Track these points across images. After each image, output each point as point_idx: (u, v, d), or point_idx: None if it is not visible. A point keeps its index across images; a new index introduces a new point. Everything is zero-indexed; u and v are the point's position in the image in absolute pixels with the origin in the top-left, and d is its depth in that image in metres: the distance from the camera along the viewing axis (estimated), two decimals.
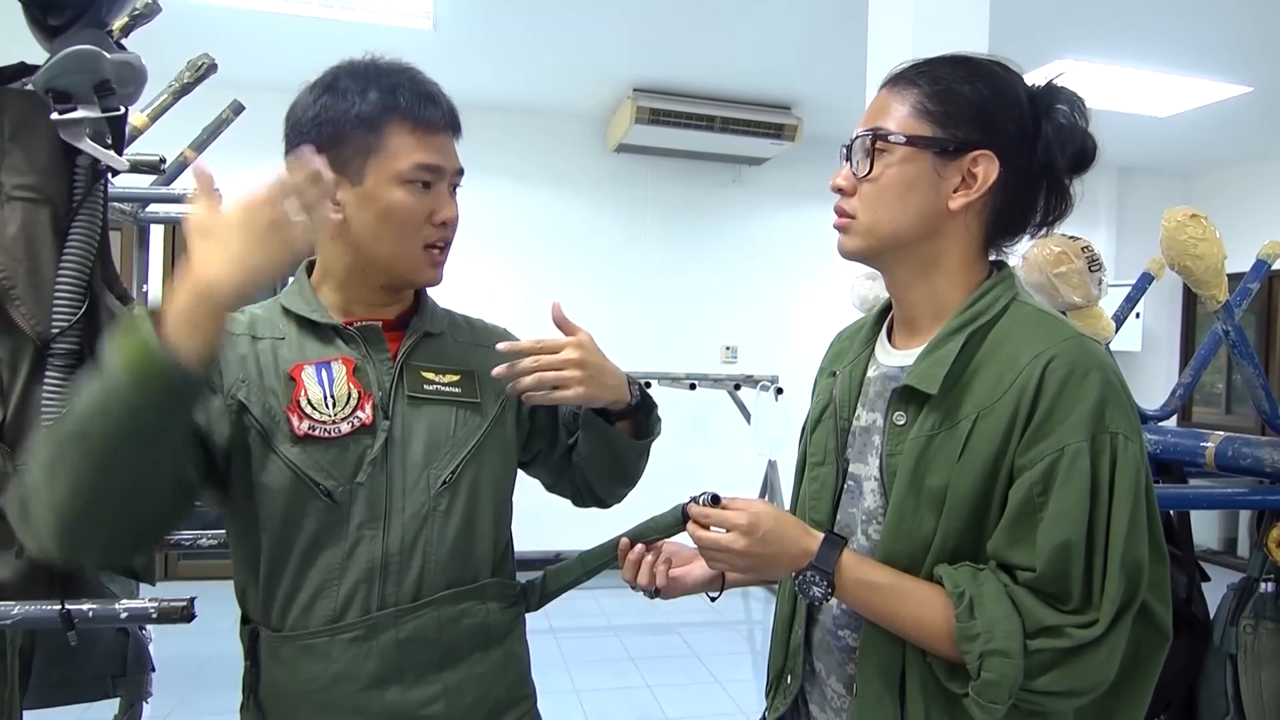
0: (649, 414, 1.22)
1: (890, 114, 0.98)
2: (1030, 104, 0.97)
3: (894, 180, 0.97)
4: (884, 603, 0.93)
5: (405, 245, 1.06)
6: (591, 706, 3.46)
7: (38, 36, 1.27)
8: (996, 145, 0.95)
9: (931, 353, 0.96)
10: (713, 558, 0.98)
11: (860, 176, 0.99)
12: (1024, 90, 0.98)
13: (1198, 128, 5.07)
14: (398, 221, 1.04)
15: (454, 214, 1.09)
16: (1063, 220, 1.02)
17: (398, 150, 1.03)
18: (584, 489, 1.27)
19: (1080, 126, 0.96)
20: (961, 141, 0.95)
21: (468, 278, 4.91)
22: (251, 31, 3.93)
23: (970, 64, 0.99)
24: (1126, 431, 0.88)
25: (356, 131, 1.03)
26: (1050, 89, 0.98)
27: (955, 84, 0.96)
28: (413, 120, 1.04)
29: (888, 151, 0.97)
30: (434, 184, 1.06)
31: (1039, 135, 0.96)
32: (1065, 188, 0.99)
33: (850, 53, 2.42)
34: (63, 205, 1.26)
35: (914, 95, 0.97)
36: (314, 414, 1.02)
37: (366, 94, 1.04)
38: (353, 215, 1.05)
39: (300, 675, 1.02)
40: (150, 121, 2.03)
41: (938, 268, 1.00)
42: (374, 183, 1.04)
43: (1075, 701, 0.89)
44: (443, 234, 1.08)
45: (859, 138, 0.99)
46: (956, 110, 0.95)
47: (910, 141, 0.96)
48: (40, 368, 1.24)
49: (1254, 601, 1.74)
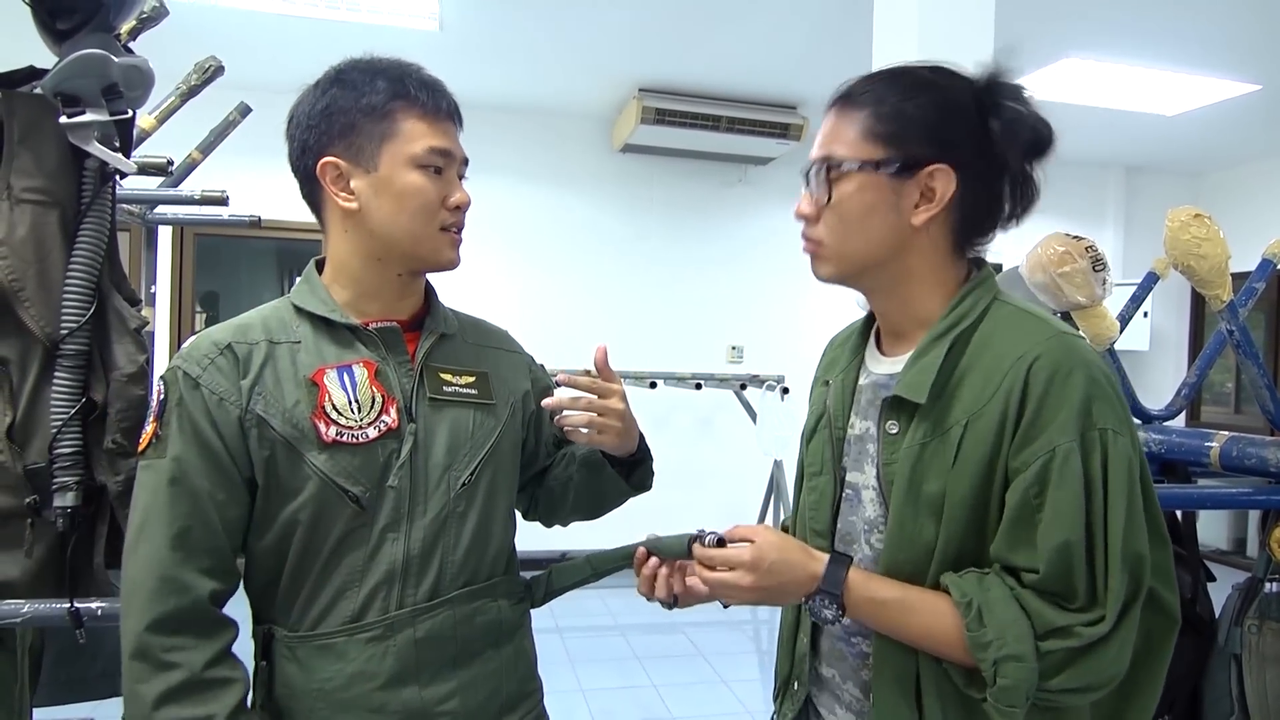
0: (646, 467, 1.26)
1: (841, 138, 0.98)
2: (977, 106, 0.96)
3: (854, 206, 0.97)
4: (894, 617, 0.94)
5: (424, 226, 1.07)
6: (597, 705, 3.47)
7: (46, 41, 1.28)
8: (949, 156, 0.95)
9: (917, 360, 0.97)
10: (723, 595, 0.99)
11: (820, 205, 0.99)
12: (968, 92, 0.97)
13: (1205, 126, 5.04)
14: (416, 203, 1.06)
15: (467, 198, 1.10)
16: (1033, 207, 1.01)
17: (411, 135, 1.05)
18: (544, 509, 1.31)
19: (1028, 114, 0.95)
20: (914, 159, 0.95)
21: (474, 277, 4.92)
22: (258, 33, 3.94)
23: (911, 77, 0.98)
24: (1115, 426, 0.89)
25: (368, 119, 1.05)
26: (990, 85, 0.97)
27: (899, 102, 0.96)
28: (422, 107, 1.06)
29: (843, 178, 0.97)
30: (445, 169, 1.08)
31: (989, 134, 0.95)
32: (1029, 176, 0.99)
33: (855, 51, 2.41)
34: (71, 208, 1.28)
35: (861, 118, 0.97)
36: (340, 419, 1.03)
37: (375, 83, 1.05)
38: (368, 202, 1.06)
39: (317, 675, 1.03)
40: (158, 124, 2.05)
41: (911, 280, 1.00)
42: (389, 167, 1.05)
43: (1091, 696, 0.90)
44: (457, 217, 1.10)
45: (814, 165, 0.99)
46: (904, 129, 0.95)
47: (863, 167, 0.96)
48: (49, 369, 1.25)
49: (1259, 601, 1.73)
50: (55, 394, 1.25)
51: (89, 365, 1.27)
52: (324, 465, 1.02)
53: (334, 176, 1.06)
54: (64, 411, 1.24)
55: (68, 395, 1.25)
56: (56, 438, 1.24)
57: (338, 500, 1.02)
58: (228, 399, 1.01)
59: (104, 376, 1.28)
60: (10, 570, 1.24)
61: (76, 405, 1.25)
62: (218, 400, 1.01)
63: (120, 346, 1.30)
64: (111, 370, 1.29)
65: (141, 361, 1.31)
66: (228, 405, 1.01)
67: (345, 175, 1.06)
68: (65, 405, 1.24)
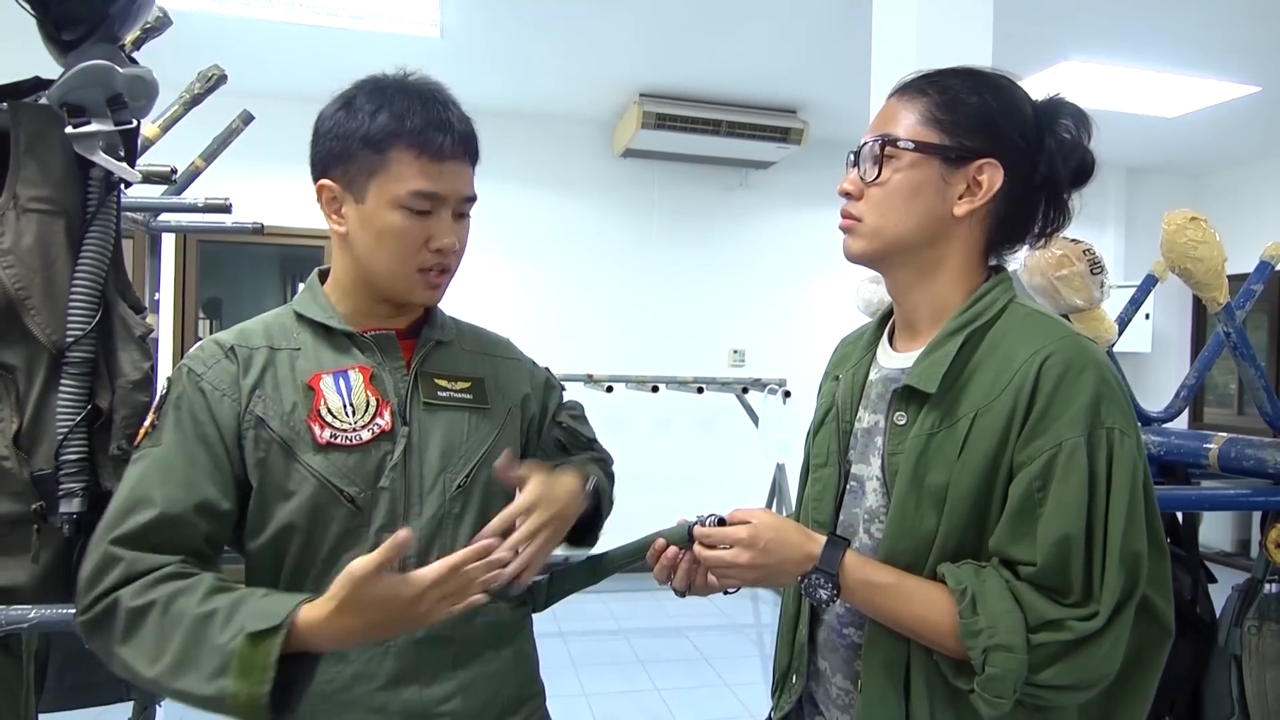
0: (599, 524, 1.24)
1: (899, 121, 1.00)
2: (1035, 117, 0.99)
3: (901, 185, 0.99)
4: (888, 602, 0.94)
5: (400, 266, 1.08)
6: (601, 710, 3.47)
7: (52, 51, 1.30)
8: (1002, 154, 0.97)
9: (931, 353, 0.98)
10: (721, 574, 1.01)
11: (868, 181, 1.01)
12: (1029, 103, 1.00)
13: (1206, 128, 5.05)
14: (392, 244, 1.06)
15: (451, 241, 1.08)
16: (1060, 233, 1.04)
17: (400, 175, 1.04)
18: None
19: (1082, 142, 0.99)
20: (968, 149, 0.97)
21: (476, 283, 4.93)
22: (261, 41, 3.96)
23: (978, 75, 1.01)
24: (1122, 426, 0.90)
25: (363, 151, 1.05)
26: (1054, 103, 1.01)
27: (963, 94, 0.99)
28: (419, 147, 1.04)
29: (896, 157, 0.99)
30: (434, 210, 1.07)
31: (1042, 148, 0.98)
32: (1065, 201, 1.02)
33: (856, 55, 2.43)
34: (77, 217, 1.29)
35: (922, 104, 1.00)
36: (335, 422, 1.05)
37: (377, 116, 1.04)
38: (354, 231, 1.08)
39: (319, 677, 1.02)
40: (162, 132, 2.06)
41: (939, 271, 1.02)
42: (374, 204, 1.06)
43: (1079, 695, 0.90)
44: (440, 260, 1.09)
45: (868, 143, 1.01)
46: (964, 119, 0.98)
47: (918, 148, 0.98)
48: (55, 375, 1.26)
49: (1258, 602, 1.74)
50: (61, 401, 1.26)
51: (94, 372, 1.28)
52: (319, 466, 1.03)
53: (329, 199, 1.09)
54: (70, 418, 1.25)
55: (73, 402, 1.26)
56: (62, 444, 1.25)
57: (333, 501, 1.04)
58: (229, 395, 1.04)
59: (109, 383, 1.30)
60: (17, 576, 1.25)
61: (82, 412, 1.26)
62: (220, 395, 1.04)
63: (125, 354, 1.31)
64: (117, 377, 1.30)
65: (146, 368, 1.33)
66: (228, 401, 1.04)
67: (339, 200, 1.08)
68: (71, 412, 1.25)
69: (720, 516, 1.02)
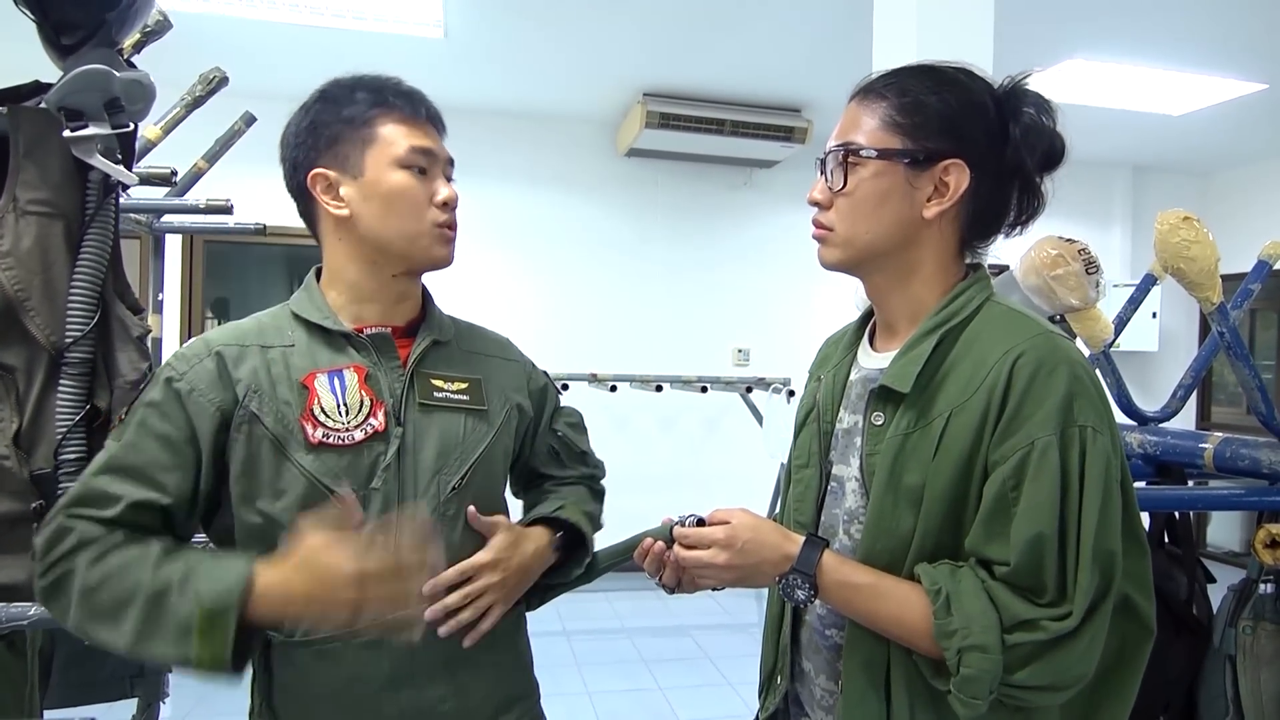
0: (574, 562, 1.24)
1: (860, 127, 1.00)
2: (997, 108, 0.98)
3: (868, 193, 0.99)
4: (865, 602, 0.95)
5: (415, 224, 1.11)
6: (604, 708, 3.48)
7: (51, 55, 1.31)
8: (966, 153, 0.97)
9: (906, 353, 0.98)
10: (699, 575, 1.01)
11: (835, 191, 1.01)
12: (990, 95, 0.99)
13: (1212, 126, 5.02)
14: (404, 202, 1.09)
15: (454, 194, 1.13)
16: (1036, 218, 1.03)
17: (392, 138, 1.10)
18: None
19: (1047, 126, 0.98)
20: (932, 152, 0.97)
21: (479, 281, 4.96)
22: (263, 42, 3.98)
23: (936, 74, 1.00)
24: (1095, 424, 0.89)
25: (351, 129, 1.09)
26: (1015, 92, 0.99)
27: (922, 95, 0.98)
28: (400, 112, 1.11)
29: (860, 165, 0.99)
30: (429, 169, 1.12)
31: (1007, 139, 0.97)
32: (1037, 187, 1.01)
33: (859, 53, 2.42)
34: (76, 219, 1.30)
35: (882, 108, 0.99)
36: (328, 422, 1.05)
37: (355, 95, 1.10)
38: (358, 207, 1.10)
39: (316, 679, 1.04)
40: (163, 134, 2.08)
41: (915, 274, 1.02)
42: (374, 171, 1.09)
43: (1057, 696, 0.90)
44: (447, 215, 1.13)
45: (831, 152, 1.01)
46: (925, 121, 0.97)
47: (882, 155, 0.98)
48: (54, 376, 1.27)
49: (1253, 602, 1.73)
50: (60, 401, 1.27)
51: (93, 373, 1.30)
52: (310, 466, 1.04)
53: (324, 187, 1.11)
54: (69, 418, 1.27)
55: (72, 402, 1.27)
56: (62, 444, 1.26)
57: (324, 501, 1.03)
58: (205, 395, 1.04)
59: (108, 384, 1.31)
60: (18, 574, 1.27)
61: (81, 412, 1.27)
62: (195, 395, 1.04)
63: (123, 354, 1.33)
64: (115, 377, 1.31)
65: (144, 369, 1.34)
66: (204, 400, 1.04)
67: (335, 184, 1.10)
68: (70, 412, 1.27)
69: (700, 517, 1.02)
